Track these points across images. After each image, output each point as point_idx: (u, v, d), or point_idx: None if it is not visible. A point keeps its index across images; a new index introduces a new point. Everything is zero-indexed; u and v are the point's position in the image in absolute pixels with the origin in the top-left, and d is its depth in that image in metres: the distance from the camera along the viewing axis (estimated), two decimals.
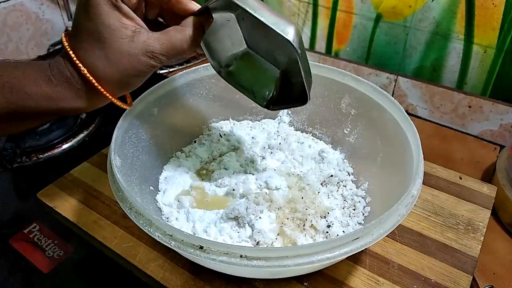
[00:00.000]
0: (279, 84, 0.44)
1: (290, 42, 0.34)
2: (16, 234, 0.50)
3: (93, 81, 0.35)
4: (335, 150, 0.55)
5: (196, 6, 0.39)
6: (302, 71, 0.37)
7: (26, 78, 0.35)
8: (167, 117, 0.52)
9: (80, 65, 0.34)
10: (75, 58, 0.35)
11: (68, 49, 0.35)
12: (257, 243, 0.42)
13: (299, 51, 0.35)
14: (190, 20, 0.38)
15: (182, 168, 0.52)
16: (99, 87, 0.35)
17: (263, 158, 0.54)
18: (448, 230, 0.47)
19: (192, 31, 0.37)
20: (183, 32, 0.37)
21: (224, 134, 0.56)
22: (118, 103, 0.39)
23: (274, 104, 0.45)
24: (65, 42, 0.35)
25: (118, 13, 0.34)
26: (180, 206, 0.47)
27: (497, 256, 0.50)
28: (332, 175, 0.50)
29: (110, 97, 0.37)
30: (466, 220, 0.48)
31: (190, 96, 0.54)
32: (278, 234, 0.43)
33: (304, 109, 0.57)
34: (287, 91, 0.44)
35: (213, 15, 0.38)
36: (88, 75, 0.35)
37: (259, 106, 0.45)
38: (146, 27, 0.37)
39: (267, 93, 0.45)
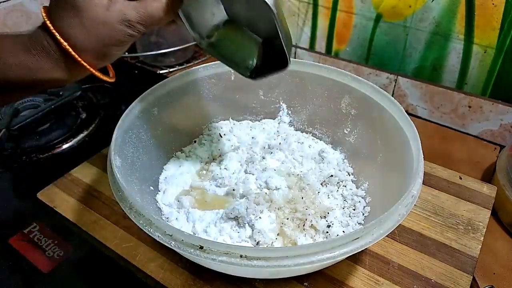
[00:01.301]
0: (261, 52, 0.43)
1: (265, 1, 0.33)
2: (16, 234, 0.50)
3: (70, 49, 0.35)
4: (335, 150, 0.55)
5: None
6: (279, 31, 0.36)
7: (3, 48, 0.35)
8: (167, 117, 0.52)
9: (55, 33, 0.34)
10: (51, 27, 0.34)
11: (46, 19, 0.35)
12: (257, 243, 0.42)
13: (274, 10, 0.34)
14: None
15: (182, 168, 0.52)
16: (76, 55, 0.35)
17: (263, 158, 0.54)
18: (448, 230, 0.47)
19: None
20: (159, 0, 0.36)
21: (224, 134, 0.56)
22: (98, 74, 0.38)
23: (257, 73, 0.44)
24: (43, 13, 0.35)
25: None
26: (180, 206, 0.47)
27: (497, 256, 0.50)
28: (332, 175, 0.50)
29: (89, 67, 0.36)
30: (466, 220, 0.48)
31: (190, 96, 0.54)
32: (278, 234, 0.43)
33: (304, 109, 0.57)
34: (269, 58, 0.43)
35: None
36: (64, 43, 0.34)
37: (245, 77, 0.44)
38: None
39: (250, 62, 0.44)
